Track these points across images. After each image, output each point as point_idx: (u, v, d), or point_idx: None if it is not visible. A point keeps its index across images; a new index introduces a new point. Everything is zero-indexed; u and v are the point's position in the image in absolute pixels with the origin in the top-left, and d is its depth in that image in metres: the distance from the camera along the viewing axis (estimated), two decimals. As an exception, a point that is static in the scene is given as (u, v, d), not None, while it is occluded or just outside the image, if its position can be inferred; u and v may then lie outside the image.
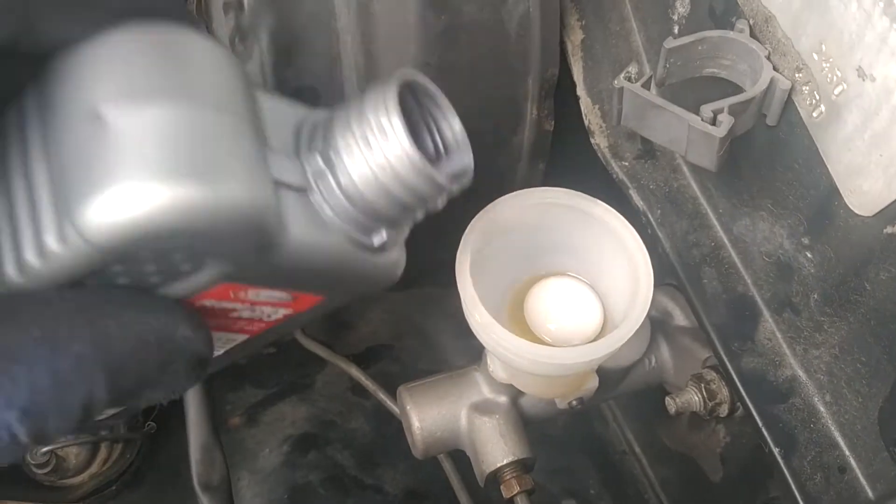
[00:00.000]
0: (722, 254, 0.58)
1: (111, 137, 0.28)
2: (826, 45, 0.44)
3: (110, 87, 0.29)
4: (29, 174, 0.30)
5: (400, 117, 0.34)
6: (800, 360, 0.54)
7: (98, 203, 0.28)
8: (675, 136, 0.50)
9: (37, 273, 0.30)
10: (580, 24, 0.65)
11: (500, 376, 0.62)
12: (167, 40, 0.30)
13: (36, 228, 0.30)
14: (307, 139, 0.36)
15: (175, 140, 0.29)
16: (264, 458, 0.77)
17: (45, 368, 0.27)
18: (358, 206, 0.36)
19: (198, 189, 0.28)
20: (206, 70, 0.31)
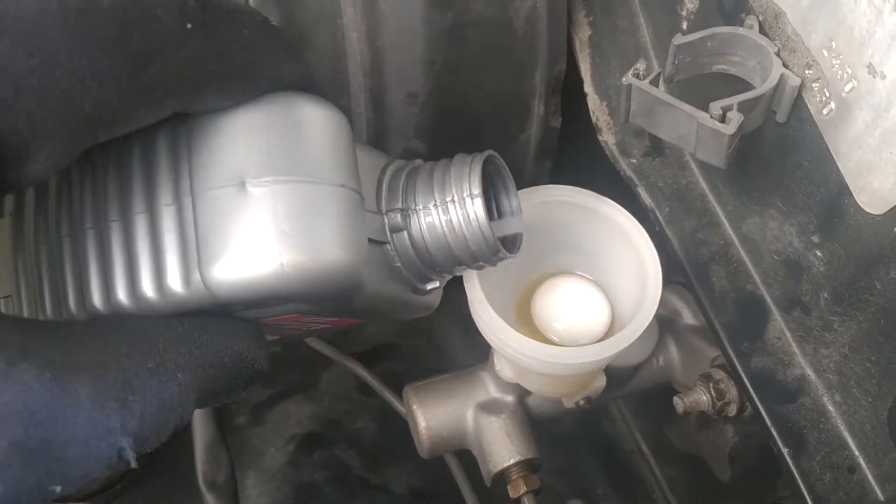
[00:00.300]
0: (731, 252, 0.58)
1: (252, 207, 0.32)
2: (836, 41, 0.44)
3: (255, 160, 0.33)
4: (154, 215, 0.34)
5: (482, 198, 0.40)
6: (809, 360, 0.53)
7: (232, 263, 0.32)
8: (684, 134, 0.49)
9: (149, 304, 0.34)
10: (588, 20, 0.64)
11: (507, 375, 0.61)
12: (297, 115, 0.34)
13: (157, 267, 0.34)
14: (387, 192, 0.41)
15: (302, 213, 0.33)
16: (270, 457, 0.77)
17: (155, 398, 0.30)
18: (424, 261, 0.41)
19: (315, 258, 0.33)
20: (326, 144, 0.35)
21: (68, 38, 0.27)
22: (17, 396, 0.26)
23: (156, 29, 0.29)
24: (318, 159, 0.34)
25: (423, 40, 0.58)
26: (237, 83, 0.33)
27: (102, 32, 0.28)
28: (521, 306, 0.57)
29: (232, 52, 0.32)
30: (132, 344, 0.31)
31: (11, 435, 0.26)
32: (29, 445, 0.26)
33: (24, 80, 0.26)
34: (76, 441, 0.27)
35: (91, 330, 0.31)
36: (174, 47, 0.30)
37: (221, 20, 0.31)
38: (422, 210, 0.40)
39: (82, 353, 0.29)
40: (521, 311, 0.56)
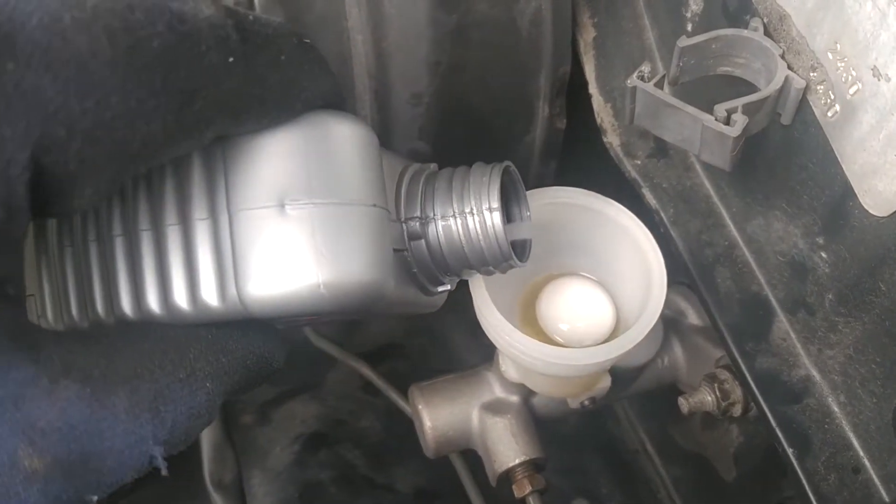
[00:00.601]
0: (735, 253, 0.58)
1: (291, 228, 0.34)
2: (841, 44, 0.44)
3: (293, 182, 0.34)
4: (188, 228, 0.35)
5: (500, 211, 0.41)
6: (814, 361, 0.53)
7: (270, 281, 0.34)
8: (689, 136, 0.49)
9: (181, 314, 0.35)
10: (592, 22, 0.64)
11: (512, 376, 0.61)
12: (332, 136, 0.35)
13: (191, 280, 0.35)
14: (406, 199, 0.42)
15: (337, 235, 0.34)
16: (275, 456, 0.77)
17: (185, 406, 0.31)
18: (438, 266, 0.42)
19: (349, 278, 0.35)
20: (359, 164, 0.36)
21: (119, 80, 0.28)
22: (60, 414, 0.27)
23: (200, 65, 0.30)
24: (352, 180, 0.36)
25: (427, 42, 0.58)
26: (275, 107, 0.34)
27: (151, 72, 0.28)
28: (526, 307, 0.57)
29: (271, 79, 0.33)
30: (164, 354, 0.32)
31: (54, 451, 0.27)
32: (70, 460, 0.28)
33: (77, 123, 0.27)
34: (112, 452, 0.29)
35: (125, 340, 0.32)
36: (217, 81, 0.31)
37: (261, 48, 0.32)
38: (440, 219, 0.41)
39: (119, 365, 0.30)
40: (526, 313, 0.56)
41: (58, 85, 0.26)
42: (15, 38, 0.26)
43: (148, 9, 0.29)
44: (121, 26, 0.28)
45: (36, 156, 0.27)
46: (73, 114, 0.27)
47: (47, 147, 0.27)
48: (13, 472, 0.27)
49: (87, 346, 0.30)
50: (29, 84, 0.26)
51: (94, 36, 0.27)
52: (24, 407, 0.27)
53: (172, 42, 0.29)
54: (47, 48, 0.26)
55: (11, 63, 0.26)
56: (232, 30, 0.31)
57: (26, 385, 0.27)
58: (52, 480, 0.27)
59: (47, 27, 0.26)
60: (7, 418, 0.27)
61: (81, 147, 0.27)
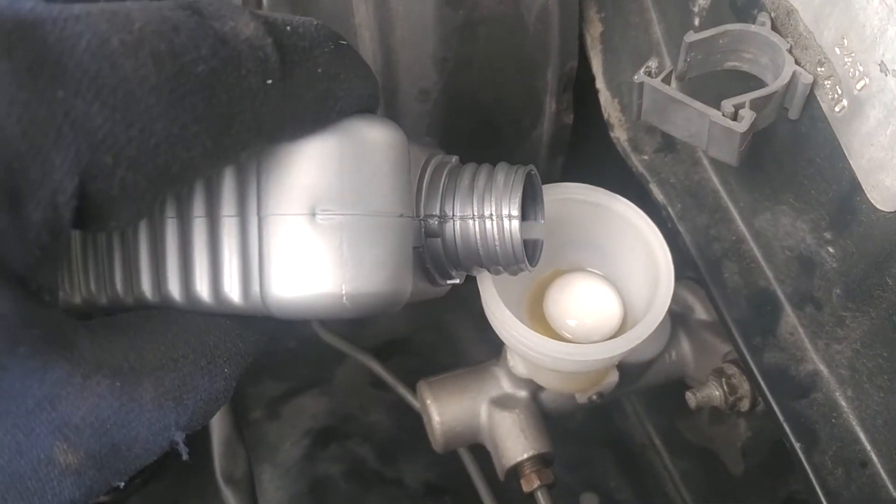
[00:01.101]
0: (743, 248, 0.58)
1: (320, 237, 0.34)
2: (848, 39, 0.44)
3: (325, 192, 0.34)
4: (214, 222, 0.35)
5: (520, 220, 0.41)
6: (821, 355, 0.53)
7: (295, 287, 0.34)
8: (696, 131, 0.49)
9: (201, 304, 0.36)
10: (599, 17, 0.64)
11: (520, 371, 0.62)
12: (365, 144, 0.36)
13: (214, 274, 0.36)
14: (426, 195, 0.41)
15: (365, 246, 0.35)
16: (285, 451, 0.78)
17: (205, 393, 0.33)
18: (450, 262, 0.43)
19: (372, 289, 0.35)
20: (390, 172, 0.37)
21: (164, 106, 0.28)
22: (93, 409, 0.28)
23: (240, 89, 0.30)
24: (382, 191, 0.36)
25: (435, 38, 0.58)
26: (310, 121, 0.34)
27: (194, 98, 0.29)
28: (534, 302, 0.57)
29: (307, 96, 0.33)
30: (187, 344, 0.33)
31: (87, 445, 0.28)
32: (101, 452, 0.29)
33: (123, 150, 0.27)
34: (138, 440, 0.30)
35: (149, 329, 0.33)
36: (255, 105, 0.31)
37: (298, 64, 0.32)
38: (458, 219, 0.41)
39: (146, 356, 0.31)
40: (534, 308, 0.57)
41: (105, 112, 0.27)
42: (65, 64, 0.26)
43: (192, 30, 0.29)
44: (167, 50, 0.28)
45: (82, 183, 0.27)
46: (120, 141, 0.27)
47: (93, 174, 0.27)
48: (49, 469, 0.28)
49: (115, 339, 0.31)
50: (78, 112, 0.26)
51: (142, 61, 0.27)
52: (60, 406, 0.28)
53: (215, 67, 0.29)
54: (96, 75, 0.26)
55: (62, 91, 0.26)
56: (271, 49, 0.31)
57: (62, 385, 0.27)
58: (84, 473, 0.28)
59: (96, 51, 0.26)
60: (44, 418, 0.27)
61: (125, 174, 0.28)
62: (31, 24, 0.26)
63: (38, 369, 0.27)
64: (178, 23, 0.29)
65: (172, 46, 0.28)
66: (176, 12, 0.29)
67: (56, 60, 0.26)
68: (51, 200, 0.26)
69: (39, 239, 0.26)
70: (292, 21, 0.33)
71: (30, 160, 0.25)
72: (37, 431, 0.27)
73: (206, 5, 0.30)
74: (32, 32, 0.26)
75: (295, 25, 0.33)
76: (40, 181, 0.26)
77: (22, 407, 0.27)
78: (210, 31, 0.29)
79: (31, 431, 0.27)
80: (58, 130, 0.26)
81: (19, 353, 0.26)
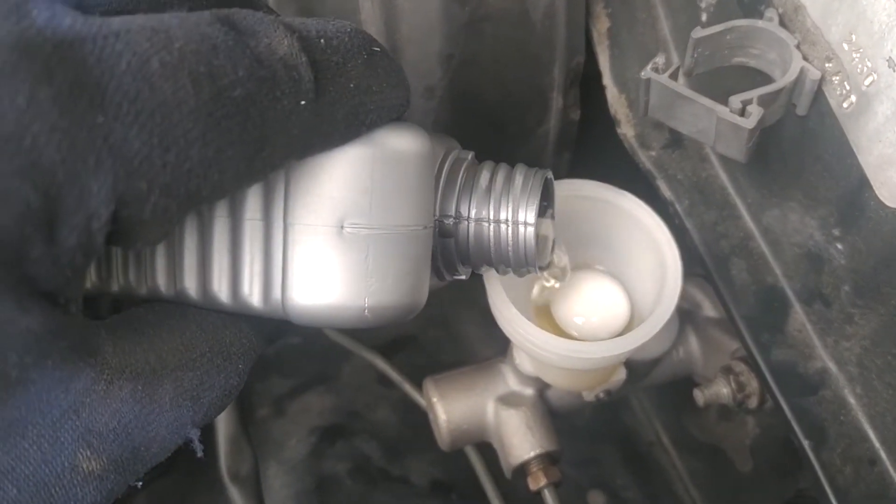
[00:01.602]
0: (751, 244, 0.58)
1: (347, 250, 0.34)
2: (856, 35, 0.44)
3: (353, 205, 0.34)
4: (237, 223, 0.35)
5: (535, 228, 0.41)
6: (830, 352, 0.53)
7: (319, 297, 0.35)
8: (704, 128, 0.49)
9: (220, 304, 0.36)
10: (606, 13, 0.64)
11: (527, 369, 0.62)
12: (394, 156, 0.35)
13: (233, 275, 0.36)
14: (442, 195, 0.41)
15: (389, 261, 0.35)
16: (291, 448, 0.78)
17: (220, 390, 0.33)
18: (460, 260, 0.43)
19: (394, 304, 0.36)
20: (417, 184, 0.37)
21: (201, 131, 0.27)
22: (115, 415, 0.29)
23: (274, 112, 0.30)
24: (409, 204, 0.36)
25: (440, 35, 0.58)
26: (341, 137, 0.34)
27: (230, 122, 0.28)
28: (541, 300, 0.57)
29: (339, 113, 0.33)
30: (205, 342, 0.33)
31: (109, 451, 0.29)
32: (123, 457, 0.29)
33: (158, 176, 0.27)
34: (156, 440, 0.30)
35: (168, 328, 0.33)
36: (287, 127, 0.31)
37: (331, 82, 0.32)
38: (473, 222, 0.41)
39: (166, 357, 0.31)
40: (540, 305, 0.56)
41: (143, 137, 0.26)
42: (105, 87, 0.25)
43: (230, 49, 0.28)
44: (205, 72, 0.27)
45: (117, 209, 0.27)
46: (155, 167, 0.27)
47: (127, 201, 0.27)
48: (73, 476, 0.28)
49: (136, 341, 0.31)
50: (117, 137, 0.26)
51: (181, 84, 0.27)
52: (84, 413, 0.28)
53: (251, 89, 0.29)
54: (135, 98, 0.26)
55: (102, 115, 0.25)
56: (305, 68, 0.30)
57: (86, 393, 0.28)
58: (106, 477, 0.29)
59: (136, 73, 0.26)
60: (69, 427, 0.28)
61: (158, 199, 0.27)
62: (70, 43, 0.25)
63: (64, 379, 0.27)
64: (217, 42, 0.28)
65: (211, 68, 0.28)
66: (213, 28, 0.28)
67: (96, 83, 0.25)
68: (86, 227, 0.26)
69: (72, 262, 0.26)
70: (326, 31, 0.32)
71: (67, 187, 0.25)
72: (62, 440, 0.27)
73: (241, 19, 0.30)
74: (72, 54, 0.25)
75: (329, 37, 0.32)
76: (76, 208, 0.25)
77: (48, 417, 0.27)
78: (247, 51, 0.29)
79: (56, 441, 0.27)
80: (97, 157, 0.26)
81: (46, 367, 0.26)
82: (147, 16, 0.27)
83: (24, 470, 0.27)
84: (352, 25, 0.34)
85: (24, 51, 0.24)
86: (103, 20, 0.26)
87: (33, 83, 0.24)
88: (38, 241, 0.25)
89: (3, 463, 0.27)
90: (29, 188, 0.24)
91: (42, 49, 0.25)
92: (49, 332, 0.26)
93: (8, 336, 0.25)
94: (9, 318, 0.24)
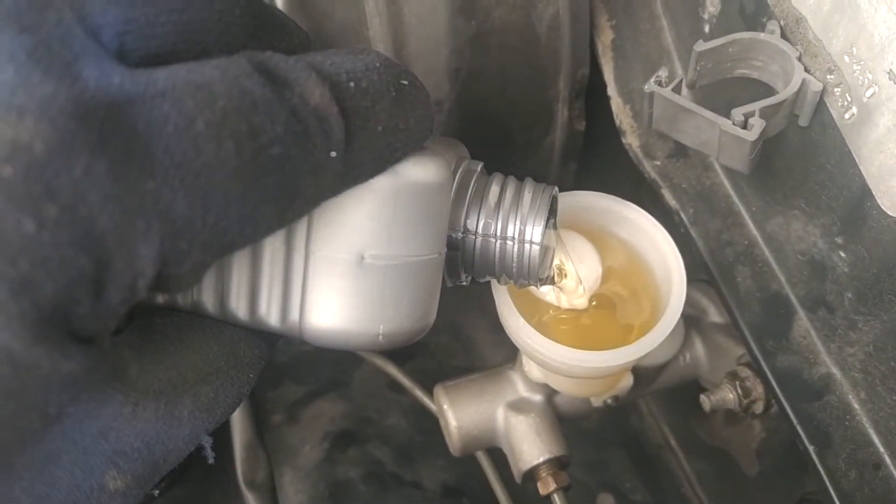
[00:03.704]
0: (755, 252, 0.58)
1: (366, 279, 0.36)
2: (857, 47, 0.44)
3: (373, 237, 0.35)
4: (257, 249, 0.36)
5: (540, 246, 0.42)
6: (834, 358, 0.54)
7: (335, 322, 0.36)
8: (707, 140, 0.50)
9: (233, 317, 0.37)
10: (610, 24, 0.65)
11: (535, 376, 0.62)
12: (414, 189, 0.36)
13: (251, 293, 0.36)
14: (451, 206, 0.41)
15: (405, 289, 0.37)
16: (305, 454, 0.79)
17: (231, 400, 0.34)
18: (464, 270, 0.44)
19: (407, 328, 0.37)
20: (433, 214, 0.38)
21: (241, 191, 0.28)
22: (139, 434, 0.29)
23: (306, 164, 0.30)
24: (427, 234, 0.37)
25: (447, 49, 0.59)
26: (367, 178, 0.34)
27: (268, 179, 0.29)
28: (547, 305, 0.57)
29: (367, 157, 0.33)
30: (221, 356, 0.34)
31: (134, 469, 0.30)
32: (146, 474, 0.30)
33: (198, 236, 0.28)
34: (174, 452, 0.31)
35: (188, 342, 0.34)
36: (318, 179, 0.31)
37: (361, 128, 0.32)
38: (480, 237, 0.42)
39: (186, 373, 0.32)
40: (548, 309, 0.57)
41: (188, 199, 0.27)
42: (154, 151, 0.26)
43: (268, 103, 0.29)
44: (247, 131, 0.28)
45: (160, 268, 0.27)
46: (196, 227, 0.27)
47: (169, 260, 0.27)
48: (101, 496, 0.29)
49: (159, 360, 0.32)
50: (164, 201, 0.26)
51: (224, 145, 0.27)
52: (112, 437, 0.29)
53: (287, 145, 0.29)
54: (181, 161, 0.26)
55: (151, 181, 0.26)
56: (336, 119, 0.31)
57: (115, 417, 0.29)
58: (130, 493, 0.30)
59: (182, 135, 0.26)
60: (98, 451, 0.29)
61: (198, 256, 0.28)
62: (121, 107, 0.26)
63: (95, 409, 0.28)
64: (256, 97, 0.28)
65: (251, 126, 0.28)
66: (252, 81, 0.28)
67: (145, 147, 0.26)
68: (132, 286, 0.27)
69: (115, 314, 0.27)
70: (355, 73, 0.32)
71: (117, 252, 0.26)
72: (92, 464, 0.28)
73: (276, 66, 0.30)
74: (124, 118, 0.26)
75: (358, 78, 0.32)
76: (124, 270, 0.26)
77: (80, 445, 0.28)
78: (284, 105, 0.29)
79: (87, 465, 0.28)
80: (146, 222, 0.26)
81: (81, 399, 0.27)
82: (189, 68, 0.28)
83: (57, 496, 0.28)
84: (381, 59, 0.34)
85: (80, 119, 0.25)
86: (149, 76, 0.27)
87: (89, 155, 0.25)
88: (87, 302, 0.26)
89: (38, 490, 0.28)
90: (82, 256, 0.25)
91: (96, 116, 0.25)
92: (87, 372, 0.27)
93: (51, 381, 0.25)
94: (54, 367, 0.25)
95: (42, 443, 0.27)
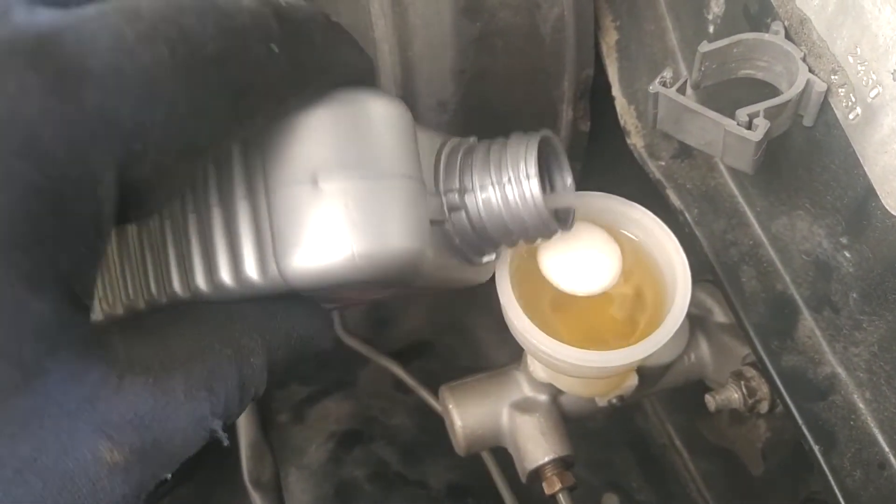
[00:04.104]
0: (760, 252, 0.58)
1: (324, 203, 0.35)
2: (861, 48, 0.44)
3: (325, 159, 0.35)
4: (229, 207, 0.36)
5: (538, 178, 0.41)
6: (839, 358, 0.54)
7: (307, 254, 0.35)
8: (711, 140, 0.50)
9: (227, 290, 0.37)
10: (615, 25, 0.65)
11: (540, 376, 0.63)
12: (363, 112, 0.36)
13: (234, 257, 0.36)
14: (444, 172, 0.42)
15: (370, 207, 0.35)
16: (311, 454, 0.79)
17: (236, 382, 0.34)
18: (480, 236, 0.42)
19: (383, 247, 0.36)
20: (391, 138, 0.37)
21: (182, 87, 0.29)
22: (130, 407, 0.30)
23: (248, 59, 0.31)
24: (383, 154, 0.36)
25: (452, 50, 0.59)
26: (314, 88, 0.35)
27: (209, 75, 0.30)
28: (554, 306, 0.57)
29: (308, 62, 0.34)
30: (213, 334, 0.34)
31: (129, 442, 0.29)
32: (144, 448, 0.30)
33: (150, 135, 0.29)
34: (177, 432, 0.31)
35: (178, 324, 0.34)
36: (263, 72, 0.32)
37: (297, 33, 0.34)
38: (479, 189, 0.41)
39: (175, 350, 0.32)
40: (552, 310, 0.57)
41: (130, 102, 0.28)
42: (88, 65, 0.27)
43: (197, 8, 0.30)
44: (178, 35, 0.29)
45: (119, 173, 0.28)
46: (146, 127, 0.28)
47: (127, 164, 0.28)
48: (98, 467, 0.29)
49: (146, 338, 0.32)
50: (107, 108, 0.27)
51: (156, 49, 0.28)
52: (99, 405, 0.29)
53: (224, 43, 0.30)
54: (118, 68, 0.28)
55: (88, 91, 0.27)
56: (271, 18, 0.32)
57: (100, 385, 0.29)
58: (131, 469, 0.30)
59: (114, 46, 0.28)
60: (85, 418, 0.29)
61: (157, 157, 0.29)
62: (49, 36, 0.27)
63: (78, 372, 0.28)
64: (184, 4, 0.30)
65: (182, 29, 0.29)
66: None
67: (80, 63, 0.27)
68: (92, 194, 0.27)
69: (85, 235, 0.28)
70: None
71: (68, 162, 0.27)
72: (80, 431, 0.28)
73: None
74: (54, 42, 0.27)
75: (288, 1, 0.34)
76: (79, 178, 0.27)
77: (64, 408, 0.28)
78: (215, 9, 0.31)
79: (74, 431, 0.28)
80: (92, 131, 0.27)
81: (60, 357, 0.27)
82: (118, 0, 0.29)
83: (46, 461, 0.28)
84: None
85: (10, 51, 0.26)
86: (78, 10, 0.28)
87: (20, 73, 0.26)
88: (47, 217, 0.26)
89: (24, 452, 0.28)
90: (30, 167, 0.26)
91: (26, 44, 0.26)
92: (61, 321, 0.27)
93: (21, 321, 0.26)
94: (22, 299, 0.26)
95: (23, 397, 0.27)
